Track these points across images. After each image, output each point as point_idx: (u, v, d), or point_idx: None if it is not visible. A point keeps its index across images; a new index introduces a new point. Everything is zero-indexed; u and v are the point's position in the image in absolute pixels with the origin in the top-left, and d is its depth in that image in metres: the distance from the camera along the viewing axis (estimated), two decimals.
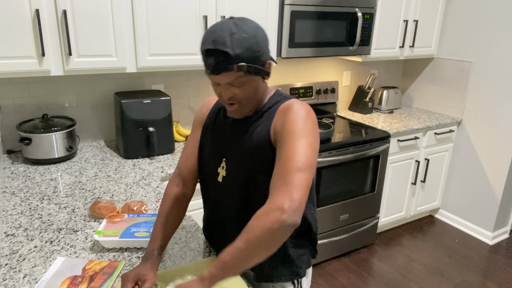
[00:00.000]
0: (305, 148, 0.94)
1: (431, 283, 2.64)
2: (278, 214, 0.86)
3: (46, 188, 1.72)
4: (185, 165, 1.23)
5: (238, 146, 1.09)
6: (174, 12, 2.02)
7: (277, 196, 0.89)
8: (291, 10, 2.32)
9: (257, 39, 0.96)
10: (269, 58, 1.03)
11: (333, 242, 2.76)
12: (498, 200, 3.03)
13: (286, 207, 0.86)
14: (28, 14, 1.70)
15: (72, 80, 2.19)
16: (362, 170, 2.71)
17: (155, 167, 1.99)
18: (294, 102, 1.04)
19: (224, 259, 0.91)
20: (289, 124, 0.98)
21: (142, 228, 1.30)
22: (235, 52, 0.93)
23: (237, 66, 0.95)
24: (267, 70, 1.03)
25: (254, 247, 0.88)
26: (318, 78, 3.12)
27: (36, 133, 1.91)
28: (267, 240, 0.87)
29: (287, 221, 0.86)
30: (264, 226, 0.87)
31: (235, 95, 1.02)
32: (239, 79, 0.98)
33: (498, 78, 2.91)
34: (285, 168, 0.92)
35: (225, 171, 1.13)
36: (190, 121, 2.61)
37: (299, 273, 1.19)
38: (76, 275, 1.13)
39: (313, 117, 1.01)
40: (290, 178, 0.90)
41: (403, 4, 2.85)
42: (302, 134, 0.96)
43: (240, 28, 0.95)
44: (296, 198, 0.88)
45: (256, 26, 0.99)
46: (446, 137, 3.18)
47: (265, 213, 0.89)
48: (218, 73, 0.97)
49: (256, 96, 1.06)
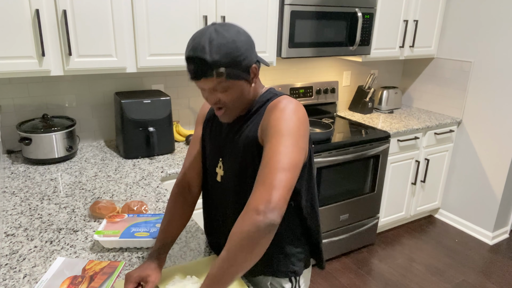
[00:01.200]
0: (288, 148, 0.92)
1: (431, 283, 2.64)
2: (253, 216, 0.85)
3: (46, 188, 1.72)
4: (190, 165, 1.24)
5: (232, 146, 1.10)
6: (174, 12, 2.02)
7: (254, 198, 0.88)
8: (291, 10, 2.32)
9: (236, 44, 0.95)
10: (254, 62, 1.01)
11: (333, 242, 2.76)
12: (498, 200, 3.03)
13: (261, 208, 0.85)
14: (28, 14, 1.70)
15: (72, 80, 2.19)
16: (362, 170, 2.71)
17: (155, 167, 1.99)
18: (282, 99, 1.02)
19: (211, 272, 0.91)
20: (274, 122, 0.96)
21: (142, 228, 1.30)
22: (213, 58, 0.93)
23: (216, 72, 0.95)
24: (252, 73, 1.02)
25: (236, 254, 0.87)
26: (318, 78, 3.12)
27: (36, 133, 1.91)
28: (247, 245, 0.86)
29: (263, 222, 0.84)
30: (241, 231, 0.86)
31: (220, 100, 1.02)
32: (221, 84, 0.98)
33: (498, 78, 2.91)
34: (266, 169, 0.91)
35: (222, 171, 1.14)
36: (190, 121, 2.61)
37: (296, 271, 1.18)
38: (76, 275, 1.13)
39: (300, 114, 0.99)
40: (270, 179, 0.88)
41: (403, 4, 2.85)
42: (286, 132, 0.94)
43: (220, 34, 0.94)
44: (274, 198, 0.86)
45: (238, 30, 0.98)
46: (446, 137, 3.18)
47: (242, 217, 0.88)
48: (198, 79, 0.97)
49: (243, 100, 1.05)
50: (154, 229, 1.29)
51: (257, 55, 1.04)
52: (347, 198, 2.71)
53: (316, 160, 2.44)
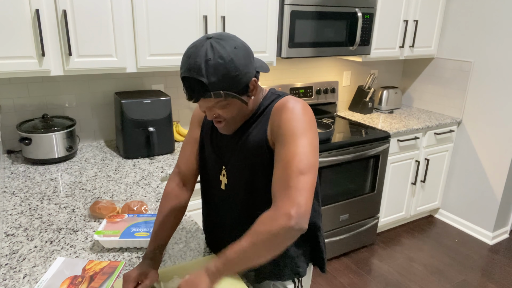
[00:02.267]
0: (305, 148, 0.92)
1: (431, 283, 2.64)
2: (285, 220, 0.86)
3: (46, 188, 1.72)
4: (185, 165, 1.22)
5: (235, 153, 1.08)
6: (174, 12, 2.02)
7: (283, 201, 0.89)
8: (291, 10, 2.32)
9: (235, 64, 0.91)
10: (253, 76, 0.98)
11: (333, 242, 2.76)
12: (498, 200, 3.03)
13: (293, 213, 0.86)
14: (28, 14, 1.70)
15: (72, 80, 2.19)
16: (362, 170, 2.71)
17: (155, 167, 1.99)
18: (288, 99, 1.00)
19: (229, 256, 0.92)
20: (286, 123, 0.95)
21: (142, 228, 1.30)
22: (210, 81, 0.90)
23: (213, 93, 0.92)
24: (252, 86, 0.99)
25: (259, 250, 0.89)
26: (318, 78, 3.12)
27: (36, 133, 1.91)
28: (272, 245, 0.88)
29: (294, 228, 0.86)
30: (271, 231, 0.87)
31: (219, 115, 1.01)
32: (219, 103, 0.97)
33: (498, 78, 2.91)
34: (287, 171, 0.91)
35: (226, 179, 1.13)
36: (190, 121, 2.61)
37: (300, 272, 1.19)
38: (76, 275, 1.13)
39: (309, 113, 0.98)
40: (294, 182, 0.89)
41: (403, 4, 2.85)
42: (300, 133, 0.93)
43: (216, 52, 0.90)
44: (302, 202, 0.87)
45: (236, 46, 0.93)
46: (446, 137, 3.18)
47: (272, 218, 0.88)
48: (196, 101, 0.95)
49: (244, 113, 1.04)
50: None
51: (255, 66, 1.01)
52: (347, 198, 2.71)
53: None
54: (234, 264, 0.92)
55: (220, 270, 0.93)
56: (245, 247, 0.90)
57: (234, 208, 1.14)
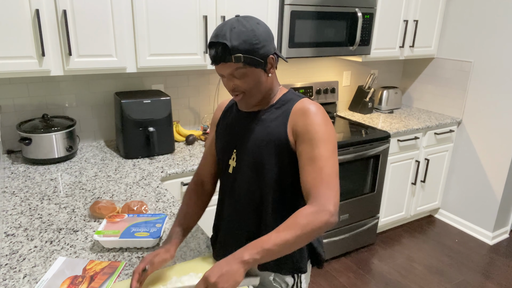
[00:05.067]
0: (333, 153, 1.04)
1: (431, 283, 2.64)
2: (327, 216, 0.97)
3: (46, 188, 1.72)
4: (203, 169, 1.32)
5: (250, 138, 1.13)
6: (174, 12, 2.02)
7: (324, 198, 0.98)
8: (291, 10, 2.32)
9: (255, 33, 1.02)
10: (272, 53, 1.07)
11: (333, 242, 2.76)
12: (498, 200, 3.03)
13: (333, 210, 0.98)
14: (28, 14, 1.70)
15: (72, 80, 2.19)
16: (362, 170, 2.71)
17: (155, 167, 1.99)
18: (310, 103, 1.08)
19: (268, 247, 0.94)
20: (313, 127, 1.04)
21: (142, 228, 1.30)
22: (232, 44, 1.01)
23: (234, 56, 1.02)
24: (269, 63, 1.07)
25: (301, 241, 0.96)
26: (318, 78, 3.12)
27: (36, 133, 1.91)
28: (312, 237, 0.97)
29: (332, 223, 0.98)
30: (314, 225, 0.96)
31: (238, 86, 1.08)
32: (239, 70, 1.04)
33: (498, 78, 2.91)
34: (324, 173, 1.01)
35: (235, 162, 1.17)
36: (190, 121, 2.61)
37: (301, 268, 1.21)
38: (76, 275, 1.13)
39: (330, 120, 1.09)
40: (332, 182, 1.00)
41: (403, 4, 2.85)
42: (328, 139, 1.04)
43: (241, 23, 1.02)
44: (337, 201, 1.00)
45: (258, 22, 1.05)
46: (446, 137, 3.18)
47: (315, 213, 0.97)
48: (217, 63, 1.04)
49: (260, 88, 1.10)
50: (154, 229, 1.29)
51: (276, 49, 1.10)
52: (347, 198, 2.71)
53: None
54: (270, 254, 0.95)
55: (256, 261, 0.94)
56: (288, 239, 0.95)
57: (239, 192, 1.17)
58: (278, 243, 0.94)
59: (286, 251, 0.97)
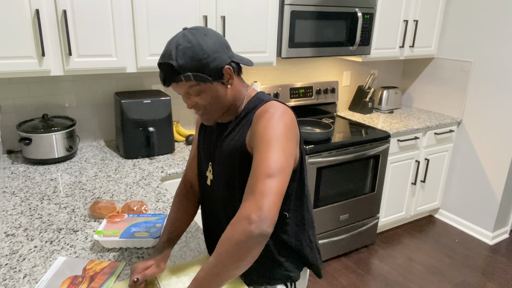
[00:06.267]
0: (275, 153, 0.91)
1: (431, 283, 2.64)
2: (245, 224, 0.83)
3: (46, 188, 1.72)
4: (190, 166, 1.29)
5: (220, 150, 1.10)
6: (174, 12, 2.02)
7: (244, 205, 0.87)
8: (291, 10, 2.32)
9: (202, 48, 0.95)
10: (227, 62, 1.00)
11: (333, 242, 2.76)
12: (498, 200, 3.03)
13: (253, 217, 0.83)
14: (28, 14, 1.70)
15: (72, 80, 2.19)
16: (362, 170, 2.71)
17: (155, 167, 1.99)
18: (270, 105, 1.01)
19: (198, 276, 0.90)
20: (261, 129, 0.96)
21: (142, 228, 1.30)
22: (178, 63, 0.95)
23: (183, 76, 0.96)
24: (226, 74, 1.00)
25: (226, 261, 0.85)
26: (318, 78, 3.12)
27: (36, 133, 1.91)
28: (236, 253, 0.84)
29: (254, 232, 0.82)
30: (232, 238, 0.84)
31: (197, 104, 1.04)
32: (193, 88, 0.99)
33: (498, 78, 2.91)
34: (254, 176, 0.90)
35: (212, 175, 1.15)
36: (190, 121, 2.61)
37: (291, 276, 1.17)
38: (76, 275, 1.13)
39: (287, 119, 0.98)
40: (259, 186, 0.87)
41: (403, 4, 2.85)
42: (272, 139, 0.93)
43: (186, 38, 0.96)
44: (265, 206, 0.84)
45: (205, 33, 0.98)
46: (446, 137, 3.18)
47: (233, 224, 0.86)
48: (168, 85, 0.99)
49: (220, 102, 1.04)
50: (154, 229, 1.29)
51: (233, 56, 1.03)
52: (347, 198, 2.71)
53: (316, 160, 2.44)
54: (203, 284, 0.88)
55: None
56: (212, 262, 0.87)
57: (218, 205, 1.16)
58: (204, 269, 0.89)
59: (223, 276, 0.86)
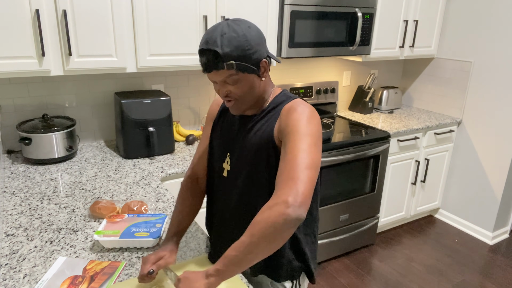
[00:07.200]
0: (310, 147, 0.95)
1: (431, 283, 2.64)
2: (282, 207, 0.86)
3: (46, 188, 1.71)
4: (198, 164, 1.29)
5: (243, 143, 1.12)
6: (174, 12, 2.02)
7: (283, 190, 0.90)
8: (291, 10, 2.32)
9: (247, 38, 0.99)
10: (264, 56, 1.04)
11: (333, 242, 2.76)
12: (498, 200, 3.03)
13: (290, 201, 0.86)
14: (28, 14, 1.70)
15: (72, 80, 2.19)
16: (362, 170, 2.71)
17: (155, 167, 1.99)
18: (299, 102, 1.05)
19: (229, 254, 0.92)
20: (294, 122, 0.99)
21: (142, 228, 1.30)
22: (223, 51, 0.97)
23: (226, 64, 0.98)
24: (262, 68, 1.04)
25: (258, 241, 0.88)
26: (318, 78, 3.12)
27: (36, 133, 1.91)
28: (271, 234, 0.87)
29: (291, 215, 0.86)
30: (268, 220, 0.87)
31: (231, 92, 1.05)
32: (232, 77, 1.01)
33: (498, 78, 2.91)
34: (291, 164, 0.93)
35: (229, 166, 1.16)
36: (190, 121, 2.61)
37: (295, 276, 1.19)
38: (76, 275, 1.13)
39: (317, 117, 1.03)
40: (297, 173, 0.90)
41: (403, 4, 2.85)
42: (306, 133, 0.97)
43: (231, 28, 0.98)
44: (302, 192, 0.88)
45: (249, 26, 1.01)
46: (446, 137, 3.18)
47: (269, 207, 0.89)
48: (209, 71, 1.01)
49: (253, 94, 1.07)
50: (154, 229, 1.29)
51: (268, 51, 1.07)
52: (347, 198, 2.71)
53: None
54: (234, 261, 0.91)
55: (219, 271, 0.92)
56: (244, 240, 0.90)
57: (232, 197, 1.16)
58: (235, 247, 0.91)
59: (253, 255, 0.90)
